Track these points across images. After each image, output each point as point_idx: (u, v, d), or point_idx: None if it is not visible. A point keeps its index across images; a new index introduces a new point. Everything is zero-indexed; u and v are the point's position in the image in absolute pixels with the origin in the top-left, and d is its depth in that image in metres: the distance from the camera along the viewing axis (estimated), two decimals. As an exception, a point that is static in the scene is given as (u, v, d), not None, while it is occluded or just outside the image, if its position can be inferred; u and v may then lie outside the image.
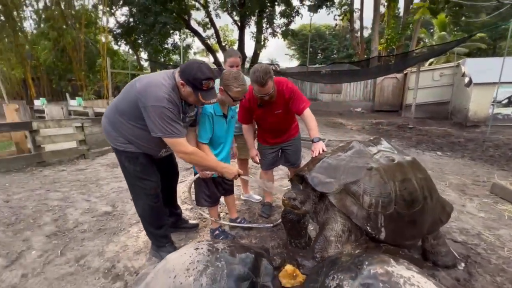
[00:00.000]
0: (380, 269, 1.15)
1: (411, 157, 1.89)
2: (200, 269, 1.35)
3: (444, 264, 1.93)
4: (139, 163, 1.80)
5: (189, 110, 1.82)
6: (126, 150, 1.75)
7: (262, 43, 15.70)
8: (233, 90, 1.80)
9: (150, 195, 1.88)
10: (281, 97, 2.26)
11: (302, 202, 1.74)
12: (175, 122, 1.59)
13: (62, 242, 2.05)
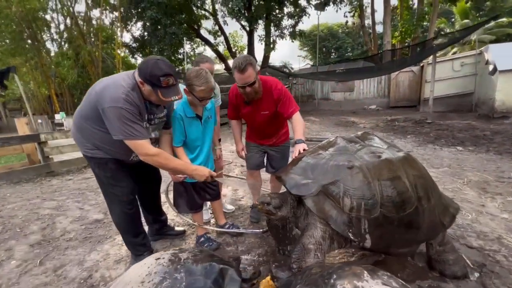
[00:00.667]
0: (348, 285, 0.97)
1: (404, 153, 1.67)
2: (156, 281, 1.24)
3: (452, 274, 1.66)
4: (109, 169, 1.75)
5: (157, 111, 1.74)
6: (94, 156, 1.71)
7: (271, 45, 15.63)
8: (196, 90, 1.70)
9: (123, 201, 1.82)
10: (269, 97, 2.13)
11: (277, 207, 1.58)
12: (134, 124, 1.51)
13: (44, 252, 2.05)
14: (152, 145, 1.63)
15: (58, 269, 1.87)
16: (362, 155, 1.55)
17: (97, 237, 2.32)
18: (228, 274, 1.35)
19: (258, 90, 2.04)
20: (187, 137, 1.90)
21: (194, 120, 1.89)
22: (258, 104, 2.16)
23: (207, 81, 1.70)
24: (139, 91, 1.57)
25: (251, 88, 1.97)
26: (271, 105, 2.14)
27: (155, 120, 1.75)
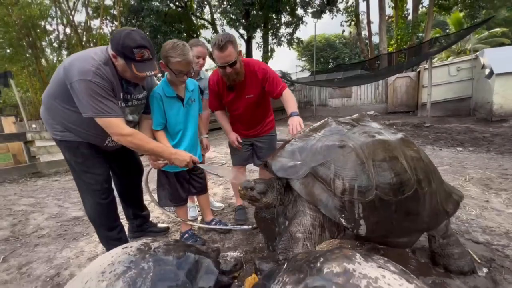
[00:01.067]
0: (336, 268, 0.81)
1: (401, 134, 1.53)
2: (118, 272, 1.08)
3: (458, 269, 1.50)
4: (80, 154, 1.60)
5: (134, 91, 1.61)
6: (64, 139, 1.57)
7: (269, 53, 15.80)
8: (171, 62, 1.58)
9: (96, 190, 1.66)
10: (253, 78, 2.02)
11: (262, 193, 1.42)
12: (105, 99, 1.38)
13: (11, 248, 1.87)
14: (127, 126, 1.49)
15: (23, 267, 1.69)
16: (355, 135, 1.41)
17: (72, 234, 2.14)
18: (204, 265, 1.19)
19: (239, 71, 1.91)
20: (168, 120, 1.76)
21: (174, 101, 1.75)
22: (242, 88, 2.03)
23: (183, 53, 1.57)
24: (113, 67, 1.45)
25: (232, 68, 1.84)
26: (257, 87, 2.02)
27: (133, 101, 1.62)
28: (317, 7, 12.52)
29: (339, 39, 37.88)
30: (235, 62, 1.82)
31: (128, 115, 1.63)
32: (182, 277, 1.11)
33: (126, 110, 1.60)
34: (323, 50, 36.15)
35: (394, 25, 14.71)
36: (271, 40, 15.55)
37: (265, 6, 13.04)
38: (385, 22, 11.59)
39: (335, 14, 12.88)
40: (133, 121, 1.70)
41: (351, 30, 19.46)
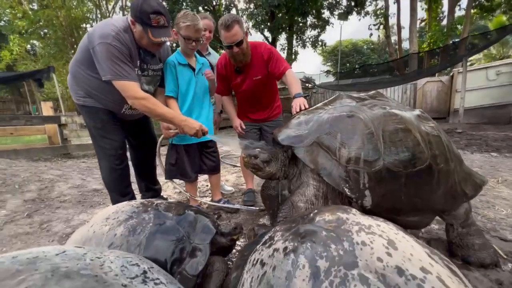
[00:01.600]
0: (329, 216, 0.78)
1: (418, 111, 1.45)
2: (121, 218, 1.14)
3: (478, 261, 1.37)
4: (100, 119, 1.71)
5: (151, 61, 1.69)
6: (86, 104, 1.69)
7: (293, 56, 15.76)
8: (181, 27, 1.65)
9: (111, 156, 1.76)
10: (259, 59, 2.04)
11: (265, 162, 1.41)
12: (123, 63, 1.47)
13: (36, 207, 2.03)
14: (141, 90, 1.57)
15: (44, 224, 1.83)
16: (365, 107, 1.36)
17: (90, 202, 2.28)
18: (202, 223, 1.21)
19: (246, 51, 1.94)
20: (180, 87, 1.81)
21: (186, 69, 1.82)
22: (249, 69, 2.06)
23: (193, 19, 1.65)
24: (132, 35, 1.54)
25: (239, 48, 1.87)
26: (263, 68, 2.04)
27: (149, 71, 1.71)
28: (344, 8, 12.28)
29: (367, 44, 36.75)
30: (242, 42, 1.85)
31: (144, 85, 1.71)
32: (180, 232, 1.14)
33: (142, 79, 1.69)
34: (350, 55, 35.22)
35: (427, 28, 13.95)
36: (296, 43, 15.52)
37: (291, 9, 13.08)
38: (416, 23, 11.03)
39: (363, 16, 12.53)
40: (148, 91, 1.77)
41: (379, 34, 18.78)
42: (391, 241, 0.64)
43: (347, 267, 0.59)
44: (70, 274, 0.42)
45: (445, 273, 0.58)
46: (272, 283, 0.64)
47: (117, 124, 1.79)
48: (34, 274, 0.40)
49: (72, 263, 0.45)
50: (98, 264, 0.48)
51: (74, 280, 0.41)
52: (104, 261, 0.49)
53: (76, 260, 0.47)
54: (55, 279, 0.40)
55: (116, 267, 0.49)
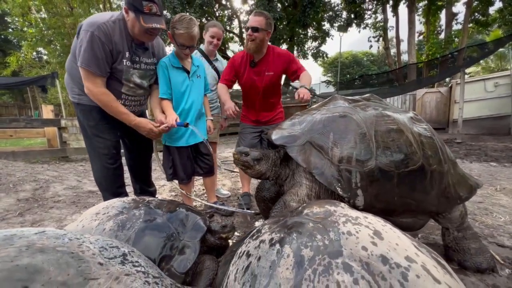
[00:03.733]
0: (317, 209, 0.78)
1: (412, 113, 1.46)
2: (111, 214, 1.13)
3: (475, 266, 1.34)
4: (93, 118, 1.70)
5: (143, 55, 1.69)
6: (80, 102, 1.69)
7: (293, 66, 15.98)
8: (176, 33, 1.66)
9: (104, 155, 1.75)
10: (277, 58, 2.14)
11: (256, 160, 1.41)
12: (96, 55, 1.48)
13: (29, 207, 2.02)
14: (104, 84, 1.57)
15: (36, 223, 1.81)
16: (358, 109, 1.37)
17: (85, 203, 2.26)
18: (193, 221, 1.19)
19: (258, 43, 2.03)
20: (173, 90, 1.81)
21: (180, 72, 1.81)
22: (264, 64, 2.14)
23: (187, 26, 1.65)
24: (123, 25, 1.56)
25: (253, 34, 1.98)
26: (276, 66, 2.13)
27: (141, 64, 1.70)
28: (343, 21, 12.56)
29: (367, 56, 37.34)
30: (257, 30, 1.97)
31: (136, 78, 1.70)
32: (170, 228, 1.12)
33: (133, 71, 1.67)
34: (350, 66, 35.73)
35: (426, 41, 14.21)
36: (297, 54, 15.77)
37: (292, 20, 13.37)
38: (415, 36, 11.26)
39: (362, 28, 12.79)
40: (141, 85, 1.76)
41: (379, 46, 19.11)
42: (377, 231, 0.64)
43: (332, 256, 0.58)
44: (45, 249, 0.42)
45: (430, 263, 0.57)
46: (256, 272, 0.63)
47: (111, 123, 1.78)
48: (8, 248, 0.40)
49: (50, 241, 0.45)
50: (77, 243, 0.47)
51: (48, 254, 0.40)
52: (83, 242, 0.49)
53: (54, 238, 0.46)
54: (28, 252, 0.40)
55: (95, 247, 0.48)
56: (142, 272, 0.50)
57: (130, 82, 1.69)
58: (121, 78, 1.64)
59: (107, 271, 0.43)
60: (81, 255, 0.44)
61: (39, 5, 14.17)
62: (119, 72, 1.62)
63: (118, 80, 1.65)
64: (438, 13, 14.24)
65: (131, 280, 0.45)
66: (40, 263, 0.38)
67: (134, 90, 1.74)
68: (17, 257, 0.38)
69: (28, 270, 0.36)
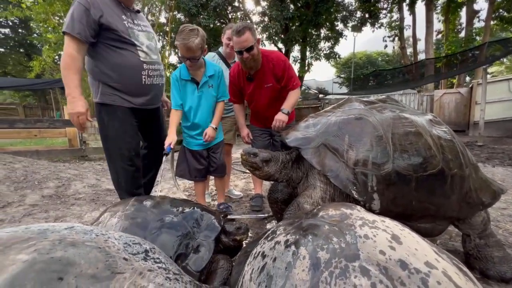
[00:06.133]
0: (333, 211, 0.77)
1: (430, 115, 1.42)
2: (129, 212, 1.17)
3: (498, 275, 1.28)
4: (117, 117, 1.71)
5: (136, 18, 1.73)
6: (104, 101, 1.69)
7: (307, 68, 15.85)
8: (177, 44, 1.69)
9: (125, 156, 1.79)
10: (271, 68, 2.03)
11: (264, 161, 1.40)
12: (73, 20, 1.48)
13: (52, 203, 2.12)
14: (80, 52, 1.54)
15: (59, 219, 1.90)
16: (375, 111, 1.35)
17: (103, 201, 2.35)
18: (208, 221, 1.21)
19: (257, 57, 1.93)
20: (185, 101, 1.87)
21: (189, 84, 1.85)
22: (261, 77, 2.05)
23: (184, 37, 1.65)
24: None
25: (249, 54, 1.86)
26: (277, 75, 2.03)
27: (141, 26, 1.74)
28: (357, 20, 12.34)
29: (381, 56, 36.47)
30: (252, 48, 1.85)
31: (144, 39, 1.72)
32: (185, 227, 1.15)
33: (138, 32, 1.70)
34: (364, 67, 35.02)
35: (444, 40, 13.69)
36: (309, 54, 15.64)
37: (305, 21, 13.29)
38: (433, 35, 10.87)
39: (376, 28, 12.51)
40: (152, 48, 1.76)
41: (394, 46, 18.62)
42: (395, 236, 0.63)
43: (348, 259, 0.58)
44: (76, 243, 0.44)
45: (452, 269, 0.55)
46: (272, 273, 0.64)
47: (134, 124, 1.82)
48: (43, 241, 0.43)
49: (79, 236, 0.48)
50: (103, 239, 0.50)
51: (78, 248, 0.43)
52: (109, 237, 0.52)
53: (83, 234, 0.49)
54: (62, 245, 0.42)
55: (119, 243, 0.51)
56: (163, 268, 0.52)
57: (142, 44, 1.70)
58: (131, 40, 1.64)
59: (132, 266, 0.45)
60: (107, 250, 0.46)
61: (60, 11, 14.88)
62: (126, 33, 1.62)
63: (132, 44, 1.65)
64: (458, 11, 13.70)
65: (154, 276, 0.47)
66: (72, 256, 0.41)
67: (150, 56, 1.75)
68: (52, 250, 0.41)
69: (62, 262, 0.39)
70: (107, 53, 1.62)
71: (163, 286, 0.46)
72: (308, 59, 15.76)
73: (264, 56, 2.03)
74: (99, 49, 1.62)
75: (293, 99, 2.03)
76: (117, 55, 1.61)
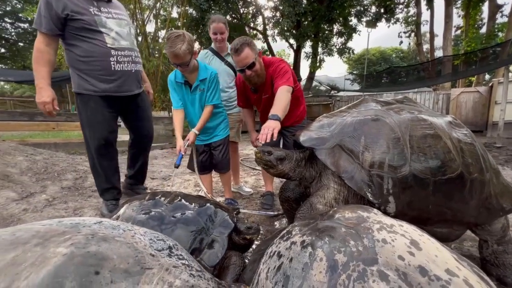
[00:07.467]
0: (349, 213, 0.78)
1: (450, 117, 1.38)
2: (145, 207, 1.20)
3: (516, 283, 1.25)
4: (90, 108, 1.77)
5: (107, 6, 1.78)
6: (79, 91, 1.77)
7: (318, 64, 15.62)
8: (165, 52, 1.73)
9: (96, 144, 1.81)
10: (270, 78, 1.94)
11: (279, 159, 1.41)
12: (40, 15, 1.60)
13: (71, 194, 2.21)
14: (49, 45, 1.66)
15: (77, 210, 1.98)
16: (392, 112, 1.32)
17: (119, 193, 2.42)
18: (222, 217, 1.24)
19: (260, 73, 1.85)
20: (182, 101, 1.96)
21: (182, 86, 1.91)
22: (262, 89, 2.00)
23: (171, 45, 1.66)
24: None
25: (251, 71, 1.80)
26: (271, 86, 1.92)
27: (112, 14, 1.78)
28: (372, 16, 11.99)
29: (396, 53, 35.43)
30: (254, 64, 1.78)
31: (113, 25, 1.77)
32: (200, 223, 1.18)
33: (105, 19, 1.75)
34: (377, 63, 34.10)
35: (463, 36, 13.13)
36: (321, 50, 15.39)
37: (317, 16, 13.05)
38: (451, 30, 10.44)
39: (392, 23, 12.12)
40: (122, 35, 1.81)
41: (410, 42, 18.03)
42: (414, 241, 0.62)
43: (366, 263, 0.58)
44: (107, 238, 0.47)
45: (473, 278, 0.55)
46: (289, 273, 0.65)
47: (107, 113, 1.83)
48: (77, 235, 0.46)
49: (108, 230, 0.50)
50: (130, 234, 0.52)
51: (110, 243, 0.46)
52: (135, 233, 0.54)
53: (111, 229, 0.52)
54: (95, 240, 0.45)
55: (145, 239, 0.53)
56: (187, 265, 0.54)
57: (109, 30, 1.75)
58: (96, 26, 1.70)
59: (158, 262, 0.47)
60: (135, 246, 0.49)
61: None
62: (92, 21, 1.69)
63: (98, 31, 1.71)
64: (479, 5, 13.08)
65: (179, 272, 0.49)
66: (106, 251, 0.43)
67: (119, 42, 1.79)
68: (87, 244, 0.43)
69: (97, 257, 0.42)
70: (76, 42, 1.70)
71: (188, 282, 0.48)
72: (320, 55, 15.52)
73: (268, 65, 1.94)
74: (70, 39, 1.70)
75: (282, 101, 1.69)
76: (84, 44, 1.68)
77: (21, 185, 2.15)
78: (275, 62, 1.94)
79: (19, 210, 1.81)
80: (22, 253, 0.39)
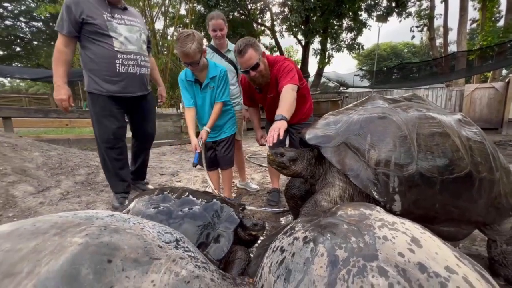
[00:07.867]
0: (351, 211, 0.79)
1: (460, 114, 1.36)
2: (154, 201, 1.25)
3: (524, 284, 1.23)
4: (99, 105, 1.88)
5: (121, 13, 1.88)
6: (89, 90, 1.88)
7: (327, 60, 15.41)
8: (176, 52, 1.76)
9: (104, 140, 1.92)
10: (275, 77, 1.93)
11: (291, 160, 1.42)
12: (62, 19, 1.72)
13: (84, 189, 2.30)
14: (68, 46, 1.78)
15: (90, 203, 2.06)
16: (399, 110, 1.31)
17: (130, 188, 2.49)
18: (228, 213, 1.27)
19: (264, 73, 1.86)
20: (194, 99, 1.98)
21: (193, 85, 1.93)
22: (267, 87, 2.00)
23: (181, 45, 1.69)
24: None
25: (256, 72, 1.80)
26: (276, 85, 1.92)
27: (125, 20, 1.88)
28: (383, 10, 11.69)
29: (408, 48, 34.52)
30: (258, 65, 1.79)
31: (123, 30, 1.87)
32: (206, 218, 1.21)
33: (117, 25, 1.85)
34: (388, 59, 33.31)
35: (479, 29, 12.65)
36: (330, 46, 15.16)
37: (326, 11, 12.85)
38: (466, 24, 10.05)
39: (404, 17, 11.79)
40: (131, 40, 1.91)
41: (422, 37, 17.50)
42: (415, 238, 0.63)
43: (366, 259, 0.59)
44: (118, 230, 0.50)
45: (473, 275, 0.55)
46: (291, 267, 0.67)
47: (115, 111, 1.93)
48: (91, 226, 0.49)
49: (120, 223, 0.54)
50: (139, 227, 0.55)
51: (121, 234, 0.49)
52: (144, 226, 0.57)
53: (122, 221, 0.55)
54: (107, 231, 0.48)
55: (153, 231, 0.56)
56: (192, 257, 0.57)
57: (118, 35, 1.84)
58: (107, 30, 1.80)
59: (166, 253, 0.50)
60: (145, 238, 0.52)
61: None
62: (103, 26, 1.79)
63: (108, 35, 1.81)
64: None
65: (185, 263, 0.51)
66: (117, 242, 0.46)
67: (126, 46, 1.88)
68: (100, 235, 0.47)
69: (110, 247, 0.45)
70: (89, 44, 1.81)
71: (194, 273, 0.51)
72: (328, 51, 15.30)
73: (272, 64, 1.94)
74: (84, 42, 1.82)
75: (287, 101, 1.67)
76: (94, 46, 1.80)
77: (38, 180, 2.25)
78: (279, 61, 1.94)
79: (36, 203, 1.91)
80: (42, 242, 0.42)
